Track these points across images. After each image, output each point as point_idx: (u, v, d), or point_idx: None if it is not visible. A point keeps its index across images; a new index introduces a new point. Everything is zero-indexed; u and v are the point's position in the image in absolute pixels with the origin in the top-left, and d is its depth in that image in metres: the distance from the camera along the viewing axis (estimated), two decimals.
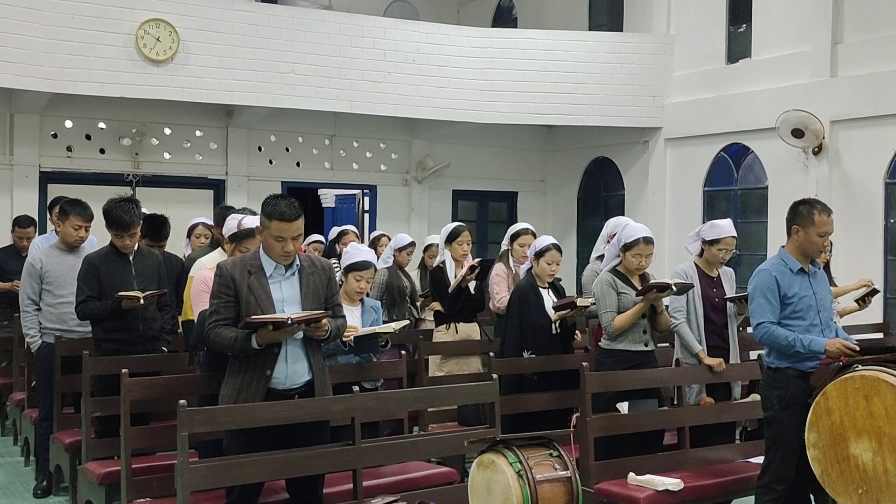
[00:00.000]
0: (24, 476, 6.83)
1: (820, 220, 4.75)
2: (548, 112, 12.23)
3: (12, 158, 10.85)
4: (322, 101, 11.25)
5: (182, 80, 10.42)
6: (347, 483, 4.61)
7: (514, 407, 5.85)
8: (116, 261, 5.66)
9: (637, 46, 12.26)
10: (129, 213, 5.58)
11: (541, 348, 6.10)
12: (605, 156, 13.35)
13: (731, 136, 11.37)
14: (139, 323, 5.65)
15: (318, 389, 4.37)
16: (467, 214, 13.75)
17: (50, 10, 9.73)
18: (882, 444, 3.99)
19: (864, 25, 9.94)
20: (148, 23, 10.18)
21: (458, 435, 5.13)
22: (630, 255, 5.65)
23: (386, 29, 11.69)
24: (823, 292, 4.87)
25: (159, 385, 5.09)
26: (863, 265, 9.37)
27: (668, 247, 11.60)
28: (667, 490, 4.89)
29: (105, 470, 5.15)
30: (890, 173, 9.73)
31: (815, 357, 4.59)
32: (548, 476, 3.82)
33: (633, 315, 5.56)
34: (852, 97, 9.87)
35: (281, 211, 4.18)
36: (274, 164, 12.50)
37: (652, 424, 5.49)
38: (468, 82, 11.89)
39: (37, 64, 9.65)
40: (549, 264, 6.19)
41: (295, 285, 4.30)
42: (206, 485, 4.19)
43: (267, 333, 4.11)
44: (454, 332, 7.22)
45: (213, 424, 4.23)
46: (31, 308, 6.18)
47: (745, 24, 11.41)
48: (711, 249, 5.83)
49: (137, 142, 11.43)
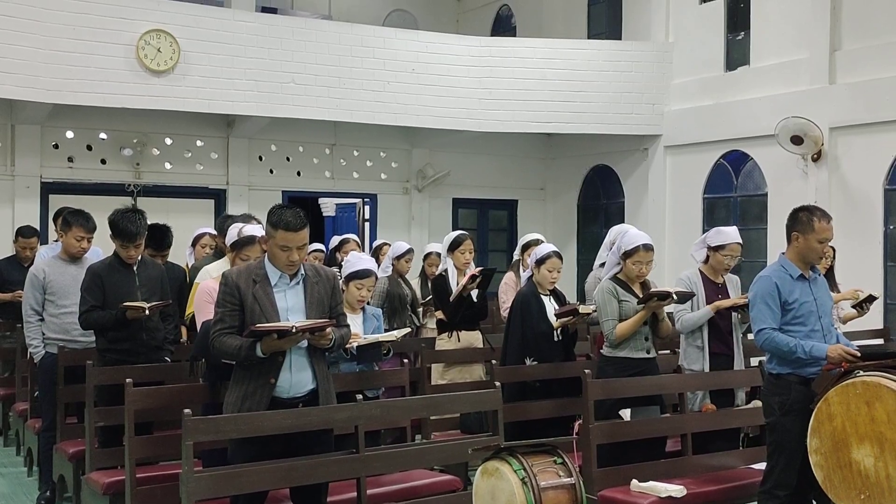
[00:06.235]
0: (28, 486, 6.82)
1: (820, 226, 4.77)
2: (547, 120, 12.27)
3: (14, 169, 10.88)
4: (322, 110, 11.29)
5: (183, 91, 10.47)
6: (351, 491, 4.61)
7: (517, 414, 5.86)
8: (120, 271, 5.67)
9: (636, 54, 12.31)
10: (136, 223, 5.60)
11: (542, 356, 6.11)
12: (605, 163, 13.38)
13: (731, 143, 11.41)
14: (143, 333, 5.66)
15: (322, 398, 4.38)
16: (467, 223, 13.78)
17: (51, 21, 9.77)
18: (884, 450, 4.00)
19: (863, 32, 9.98)
20: (149, 33, 10.22)
21: (462, 443, 5.14)
22: (630, 262, 5.67)
23: (385, 38, 11.74)
24: (824, 298, 4.89)
25: (163, 394, 5.11)
26: (862, 271, 9.40)
27: (669, 254, 11.63)
28: (670, 496, 4.90)
29: (109, 480, 5.14)
30: (889, 179, 9.76)
31: (816, 363, 4.60)
32: (552, 483, 3.84)
33: (634, 323, 5.57)
34: (851, 104, 9.90)
35: (286, 220, 4.20)
36: (275, 174, 12.53)
37: (655, 431, 5.49)
38: (468, 91, 11.93)
39: (38, 75, 9.69)
40: (550, 272, 6.21)
41: (300, 294, 4.31)
42: (211, 494, 4.19)
43: (271, 342, 4.11)
44: (456, 341, 7.23)
45: (218, 433, 4.24)
46: (35, 318, 6.18)
47: (743, 31, 11.46)
48: (717, 256, 5.85)
49: (138, 152, 11.45)
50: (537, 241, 7.08)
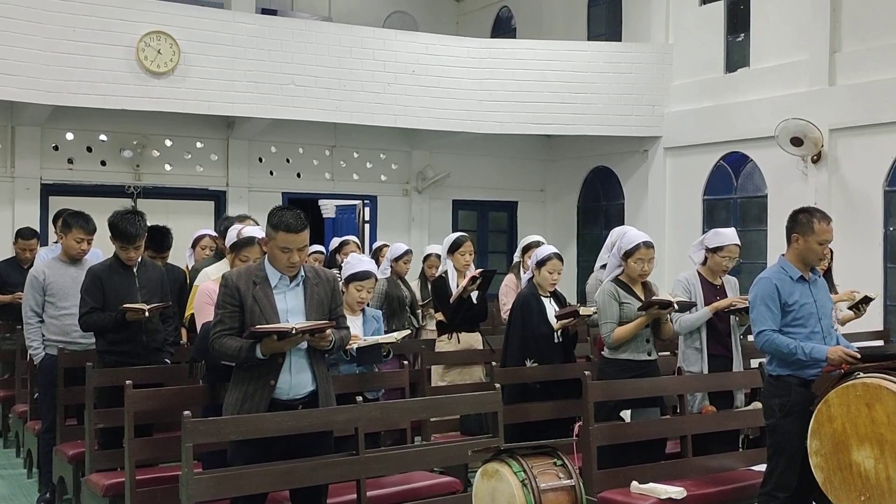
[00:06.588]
0: (27, 488, 6.83)
1: (819, 228, 4.77)
2: (547, 122, 12.27)
3: (13, 171, 10.88)
4: (322, 112, 11.28)
5: (183, 92, 10.46)
6: (351, 493, 4.62)
7: (517, 416, 5.86)
8: (120, 272, 5.68)
9: (636, 56, 12.31)
10: (135, 225, 5.60)
11: (543, 357, 6.12)
12: (605, 165, 13.38)
13: (731, 144, 11.41)
14: (143, 335, 5.66)
15: (322, 400, 4.38)
16: (467, 224, 13.78)
17: (51, 22, 9.77)
18: (884, 451, 4.00)
19: (863, 34, 9.98)
20: (149, 35, 10.22)
21: (462, 444, 5.14)
22: (632, 261, 5.66)
23: (385, 40, 11.73)
24: (824, 300, 4.89)
25: (163, 396, 5.12)
26: (862, 273, 9.39)
27: (669, 256, 11.62)
28: (670, 498, 4.90)
29: (108, 482, 5.15)
30: (889, 181, 9.76)
31: (816, 364, 4.60)
32: (552, 485, 3.84)
33: (633, 328, 5.56)
34: (851, 105, 9.90)
35: (287, 222, 4.20)
36: (274, 175, 12.53)
37: (654, 433, 5.49)
38: (467, 92, 11.93)
39: (38, 76, 9.69)
40: (550, 273, 6.22)
41: (300, 296, 4.31)
42: (211, 496, 4.19)
43: (271, 343, 4.11)
44: (456, 342, 7.25)
45: (218, 435, 4.24)
46: (34, 320, 6.18)
47: (743, 33, 11.46)
48: (715, 257, 5.85)
49: (138, 154, 11.45)
50: (538, 243, 7.09)
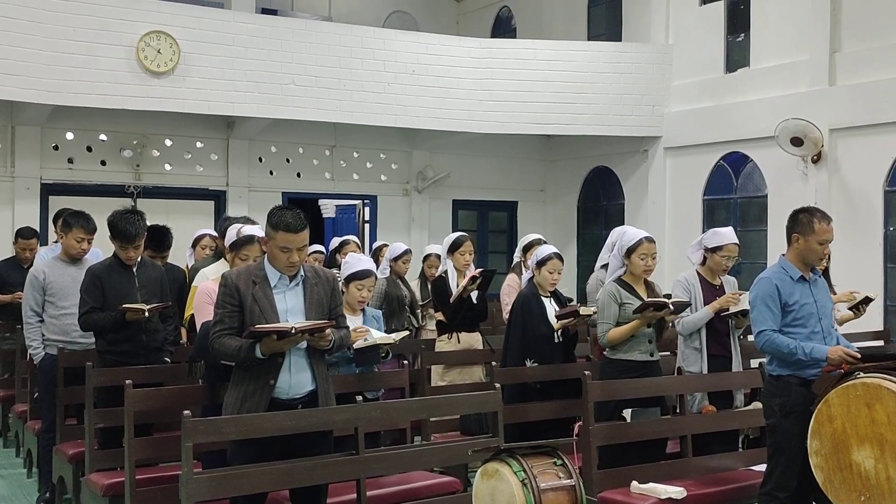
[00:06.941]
0: (27, 488, 6.82)
1: (820, 228, 4.76)
2: (547, 122, 12.28)
3: (13, 170, 10.89)
4: (322, 111, 11.29)
5: (183, 92, 10.47)
6: (351, 493, 4.61)
7: (517, 416, 5.86)
8: (120, 272, 5.67)
9: (636, 56, 12.31)
10: (135, 225, 5.60)
11: (543, 357, 6.11)
12: (605, 165, 13.39)
13: (731, 144, 11.42)
14: (142, 334, 5.65)
15: (322, 399, 4.37)
16: (467, 224, 13.78)
17: (51, 22, 9.77)
18: (884, 452, 4.00)
19: (863, 34, 9.98)
20: (149, 35, 10.23)
21: (462, 444, 5.14)
22: (635, 256, 5.65)
23: (385, 40, 11.74)
24: (824, 300, 4.88)
25: (163, 396, 5.11)
26: (862, 273, 9.40)
27: (669, 256, 11.61)
28: (670, 498, 4.89)
29: (108, 481, 5.14)
30: (889, 181, 9.76)
31: (816, 364, 4.60)
32: (552, 485, 3.83)
33: (628, 331, 5.55)
34: (851, 105, 9.91)
35: (287, 222, 4.20)
36: (274, 175, 12.54)
37: (654, 433, 5.49)
38: (468, 92, 11.93)
39: (38, 76, 9.69)
40: (550, 273, 6.21)
41: (299, 295, 4.31)
42: (211, 495, 4.19)
43: (271, 343, 4.11)
44: (456, 342, 7.24)
45: (218, 435, 4.24)
46: (34, 320, 6.18)
47: (743, 33, 11.46)
48: (714, 257, 5.85)
49: (138, 153, 11.46)
50: (538, 242, 7.08)
